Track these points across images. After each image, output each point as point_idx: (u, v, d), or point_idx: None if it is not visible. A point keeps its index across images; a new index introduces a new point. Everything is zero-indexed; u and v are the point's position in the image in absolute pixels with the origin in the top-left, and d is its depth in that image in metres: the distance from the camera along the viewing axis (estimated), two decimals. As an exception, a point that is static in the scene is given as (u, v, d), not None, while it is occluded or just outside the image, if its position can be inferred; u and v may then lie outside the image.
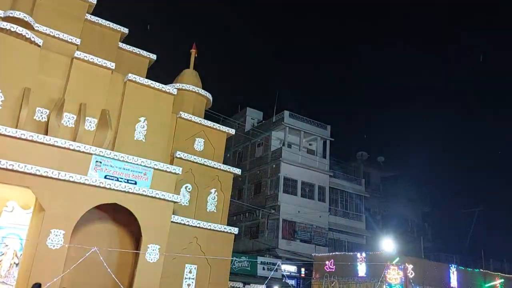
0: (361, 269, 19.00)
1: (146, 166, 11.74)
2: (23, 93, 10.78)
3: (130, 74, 12.76)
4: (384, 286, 17.43)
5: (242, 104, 36.27)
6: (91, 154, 11.01)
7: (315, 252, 24.91)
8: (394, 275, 17.62)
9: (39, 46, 11.41)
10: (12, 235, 11.01)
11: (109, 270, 10.27)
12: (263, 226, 28.77)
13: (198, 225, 12.79)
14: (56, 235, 10.05)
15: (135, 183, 11.46)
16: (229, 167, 14.59)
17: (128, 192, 11.12)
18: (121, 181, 11.23)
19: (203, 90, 15.20)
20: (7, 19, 11.31)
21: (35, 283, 9.33)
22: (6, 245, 10.99)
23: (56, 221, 10.11)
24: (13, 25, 11.03)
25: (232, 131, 15.40)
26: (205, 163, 13.80)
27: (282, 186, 28.50)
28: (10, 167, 9.67)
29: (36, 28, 11.75)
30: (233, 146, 34.08)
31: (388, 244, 19.37)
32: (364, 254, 19.47)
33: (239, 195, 31.30)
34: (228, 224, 13.94)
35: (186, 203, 13.27)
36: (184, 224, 12.49)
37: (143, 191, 11.33)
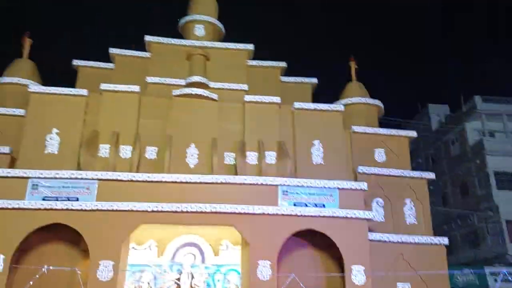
0: None
1: (331, 187, 11.70)
2: (212, 143, 12.37)
3: (296, 103, 13.32)
4: None
5: (422, 102, 33.22)
6: (278, 185, 11.59)
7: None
8: None
9: (216, 100, 13.12)
10: (232, 272, 12.24)
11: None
12: (482, 231, 25.02)
13: (399, 240, 12.03)
14: (264, 266, 10.72)
15: (324, 206, 11.49)
16: (420, 172, 13.45)
17: (319, 216, 11.22)
18: (309, 206, 11.42)
19: (371, 99, 14.72)
20: (188, 84, 13.60)
21: None
22: (229, 281, 12.24)
23: (261, 253, 10.83)
24: (193, 89, 13.13)
25: (414, 134, 14.22)
26: (391, 173, 13.02)
27: (493, 182, 24.49)
28: (217, 210, 10.96)
29: (211, 86, 13.76)
30: (422, 149, 31.30)
31: None
32: None
33: (444, 201, 28.22)
34: (439, 235, 12.81)
35: (381, 218, 12.62)
36: (384, 241, 11.90)
37: (333, 212, 11.29)
